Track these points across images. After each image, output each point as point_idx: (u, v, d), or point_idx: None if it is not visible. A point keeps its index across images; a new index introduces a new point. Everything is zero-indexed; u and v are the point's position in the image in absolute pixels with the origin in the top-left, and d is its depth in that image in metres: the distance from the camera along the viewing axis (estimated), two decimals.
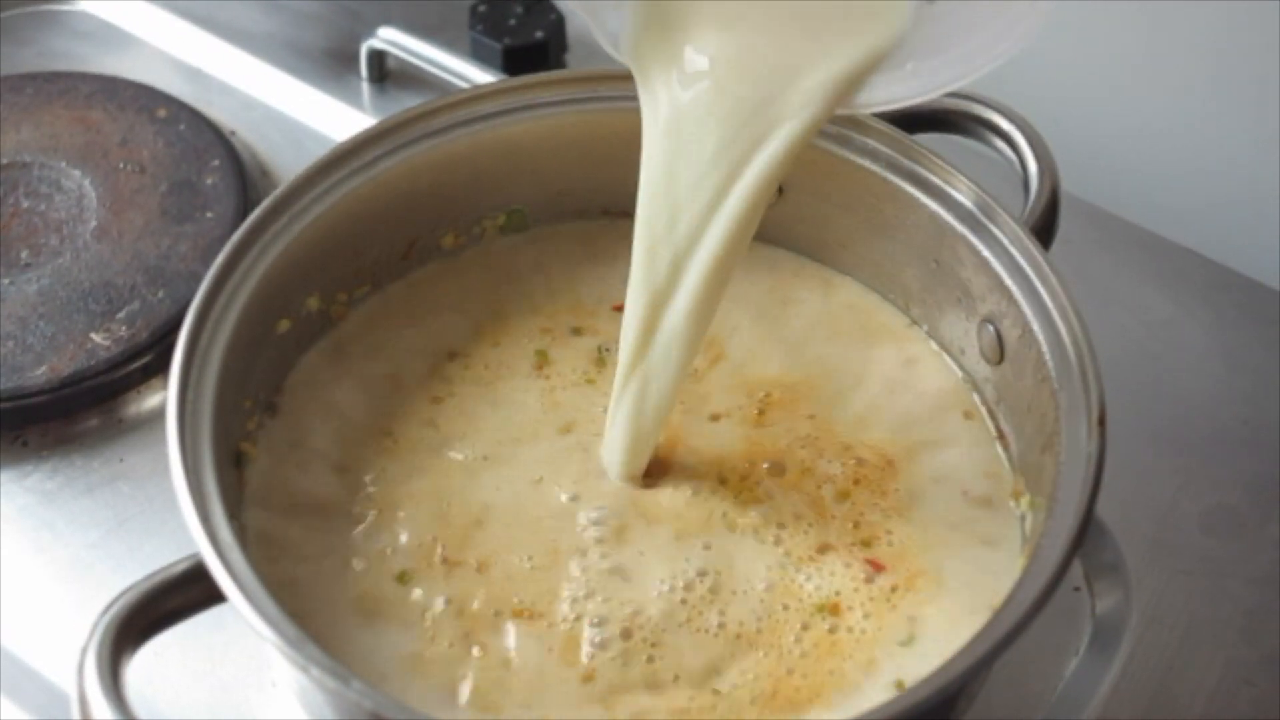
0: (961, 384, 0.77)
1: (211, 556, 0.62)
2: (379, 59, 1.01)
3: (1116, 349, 0.86)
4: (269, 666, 0.75)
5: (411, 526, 0.72)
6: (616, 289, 0.80)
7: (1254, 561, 0.80)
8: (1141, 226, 0.95)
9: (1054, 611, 0.62)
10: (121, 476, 0.83)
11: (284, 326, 0.75)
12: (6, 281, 0.88)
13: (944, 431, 0.75)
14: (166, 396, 0.67)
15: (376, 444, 0.75)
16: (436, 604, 0.69)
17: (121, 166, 0.94)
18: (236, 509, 0.69)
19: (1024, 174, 0.76)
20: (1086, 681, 0.65)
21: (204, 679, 0.75)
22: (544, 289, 0.81)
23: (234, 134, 0.98)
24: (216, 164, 0.94)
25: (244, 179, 0.94)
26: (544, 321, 0.80)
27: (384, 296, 0.80)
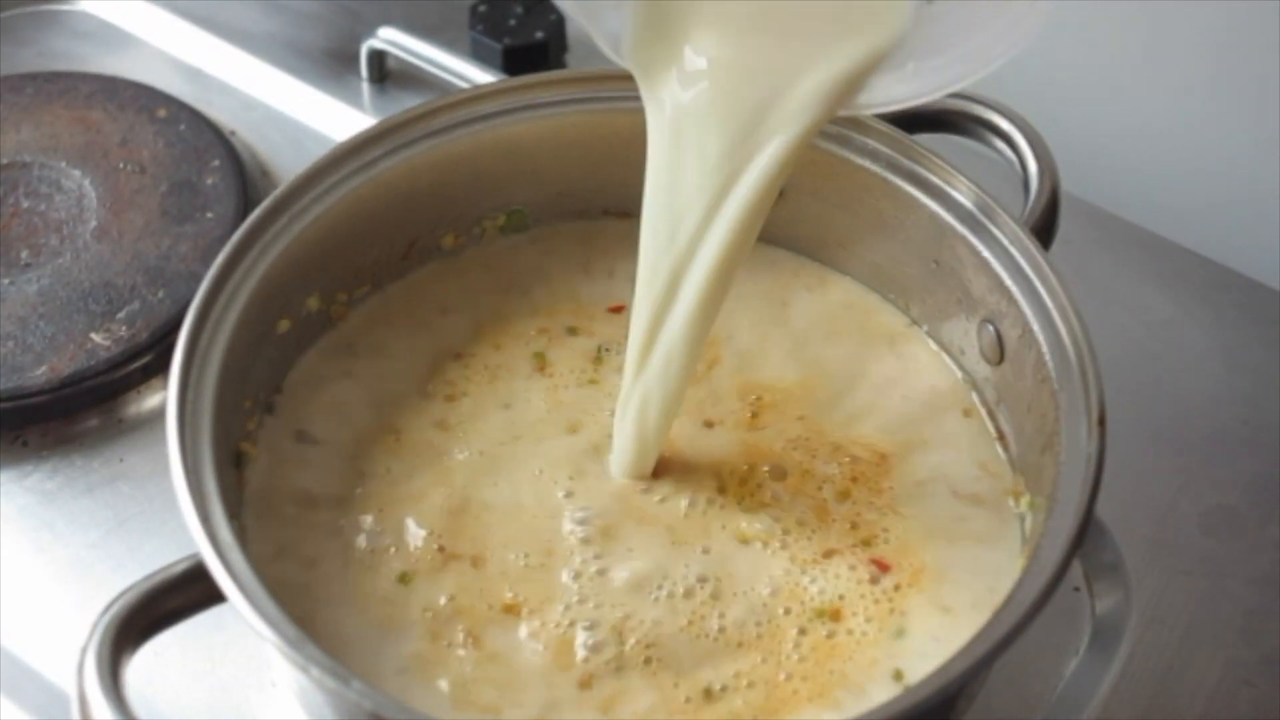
0: (961, 384, 0.77)
1: (211, 557, 0.62)
2: (379, 59, 1.01)
3: (1116, 349, 0.86)
4: (269, 666, 0.75)
5: (412, 526, 0.72)
6: (616, 289, 0.80)
7: (1254, 562, 0.80)
8: (1141, 226, 0.95)
9: (1054, 611, 0.62)
10: (121, 476, 0.83)
11: (284, 326, 0.75)
12: (6, 281, 0.88)
13: (943, 431, 0.75)
14: (166, 396, 0.67)
15: (376, 444, 0.75)
16: (438, 604, 0.69)
17: (121, 166, 0.94)
18: (236, 509, 0.69)
19: (1024, 174, 0.76)
20: (1086, 681, 0.65)
21: (204, 679, 0.75)
22: (544, 289, 0.81)
23: (234, 134, 0.98)
24: (216, 164, 0.94)
25: (244, 179, 0.94)
26: (543, 322, 0.80)
27: (384, 296, 0.80)
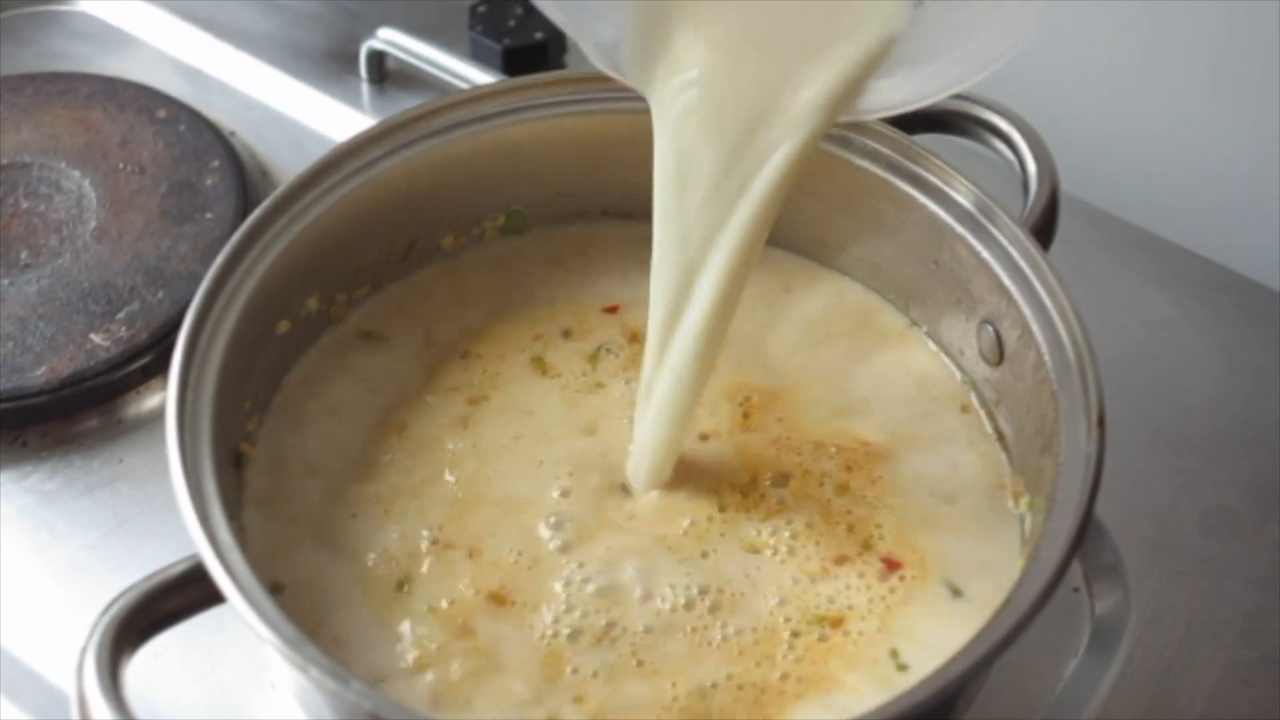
0: (960, 384, 0.77)
1: (211, 557, 0.62)
2: (379, 60, 1.01)
3: (1116, 350, 0.86)
4: (268, 667, 0.75)
5: (413, 525, 0.72)
6: (616, 290, 0.81)
7: (1253, 562, 0.80)
8: (1141, 227, 0.95)
9: (1054, 612, 0.62)
10: (121, 477, 0.83)
11: (284, 327, 0.75)
12: (6, 282, 0.88)
13: (942, 432, 0.75)
14: (166, 397, 0.67)
15: (376, 444, 0.75)
16: (438, 604, 0.69)
17: (121, 167, 0.94)
18: (236, 510, 0.69)
19: (1023, 175, 0.76)
20: (1086, 682, 0.65)
21: (203, 679, 0.75)
22: (544, 290, 0.81)
23: (234, 134, 0.98)
24: (216, 165, 0.94)
25: (244, 180, 0.94)
26: (543, 322, 0.79)
27: (384, 297, 0.80)
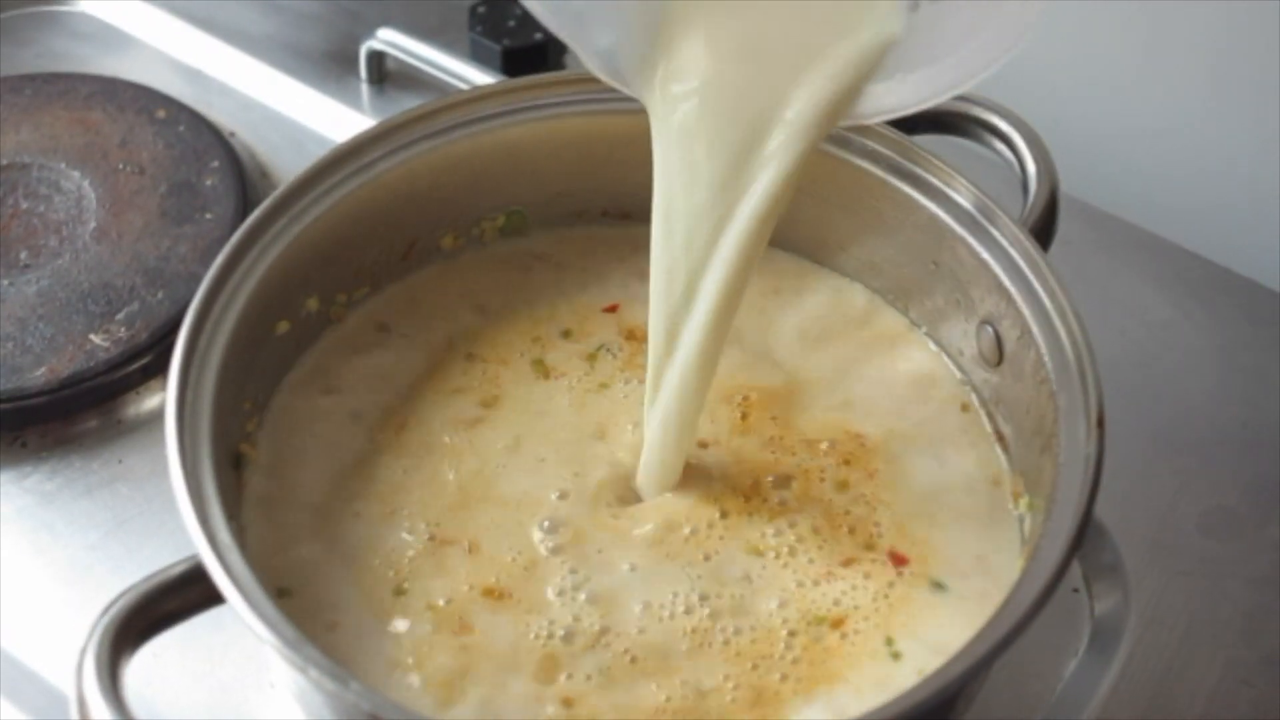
0: (960, 385, 0.77)
1: (210, 558, 0.62)
2: (378, 60, 1.01)
3: (1115, 350, 0.86)
4: (267, 668, 0.75)
5: (413, 525, 0.72)
6: (616, 290, 0.81)
7: (1253, 562, 0.80)
8: (1141, 227, 0.95)
9: (1053, 612, 0.62)
10: (120, 478, 0.83)
11: (283, 327, 0.75)
12: (6, 283, 0.88)
13: (942, 432, 0.75)
14: (166, 398, 0.67)
15: (375, 444, 0.75)
16: (436, 602, 0.69)
17: (121, 168, 0.94)
18: (235, 510, 0.69)
19: (1023, 175, 0.76)
20: (1086, 682, 0.65)
21: (203, 680, 0.75)
22: (544, 290, 0.81)
23: (234, 135, 0.98)
24: (216, 165, 0.94)
25: (244, 180, 0.94)
26: (542, 322, 0.79)
27: (383, 297, 0.80)
